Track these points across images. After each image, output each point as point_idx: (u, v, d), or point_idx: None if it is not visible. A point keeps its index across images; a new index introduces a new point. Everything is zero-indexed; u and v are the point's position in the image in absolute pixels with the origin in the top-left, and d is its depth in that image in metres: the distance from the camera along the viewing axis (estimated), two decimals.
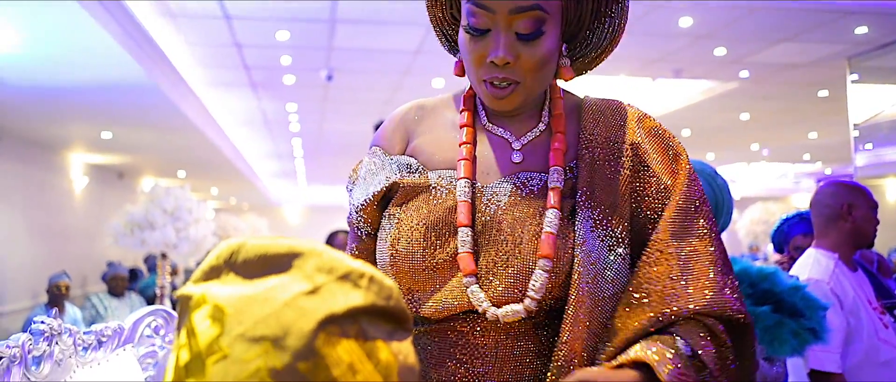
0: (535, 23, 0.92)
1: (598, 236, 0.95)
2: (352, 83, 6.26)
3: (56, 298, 5.20)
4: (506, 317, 0.92)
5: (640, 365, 0.86)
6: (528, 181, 0.98)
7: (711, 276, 0.91)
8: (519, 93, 0.96)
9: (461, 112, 1.04)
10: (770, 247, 6.45)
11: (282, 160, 12.20)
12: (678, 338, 0.88)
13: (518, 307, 0.92)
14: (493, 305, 0.93)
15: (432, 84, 6.33)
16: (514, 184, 0.98)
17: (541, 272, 0.92)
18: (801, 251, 2.89)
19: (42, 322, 1.29)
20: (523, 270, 0.93)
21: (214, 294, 0.55)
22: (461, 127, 1.02)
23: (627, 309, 0.92)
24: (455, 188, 0.98)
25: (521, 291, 0.92)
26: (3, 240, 6.38)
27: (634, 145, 0.99)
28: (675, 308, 0.89)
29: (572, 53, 1.03)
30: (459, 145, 1.01)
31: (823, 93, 6.94)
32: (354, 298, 0.54)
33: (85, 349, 1.45)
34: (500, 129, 1.03)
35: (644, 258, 0.94)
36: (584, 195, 0.96)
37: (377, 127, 6.19)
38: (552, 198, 0.94)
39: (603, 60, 1.05)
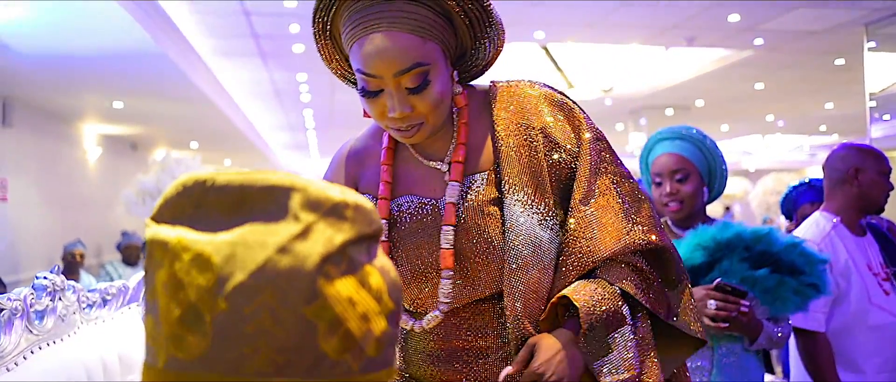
0: (420, 76, 1.01)
1: (529, 215, 1.07)
2: None
3: (71, 266, 5.29)
4: (428, 324, 1.10)
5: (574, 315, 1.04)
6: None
7: (616, 224, 1.08)
8: (424, 129, 1.06)
9: (384, 148, 1.17)
10: (783, 219, 6.41)
11: (294, 132, 12.21)
12: (599, 279, 1.07)
13: (436, 312, 1.09)
14: (418, 312, 1.13)
15: None
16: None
17: (446, 280, 1.07)
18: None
19: (44, 278, 1.30)
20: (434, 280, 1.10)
21: (194, 240, 0.52)
22: (382, 164, 1.15)
23: (559, 274, 1.08)
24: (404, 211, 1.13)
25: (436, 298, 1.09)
26: (19, 210, 6.47)
27: (543, 127, 1.11)
28: (591, 261, 1.06)
29: (461, 68, 1.14)
30: (381, 164, 1.15)
31: (840, 61, 6.81)
32: (344, 231, 0.53)
33: (89, 306, 1.47)
34: (425, 156, 1.14)
35: (566, 226, 1.09)
36: (508, 183, 1.08)
37: None
38: (447, 214, 1.08)
39: (493, 63, 1.16)
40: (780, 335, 1.72)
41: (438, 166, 1.13)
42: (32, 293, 1.24)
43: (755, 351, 1.76)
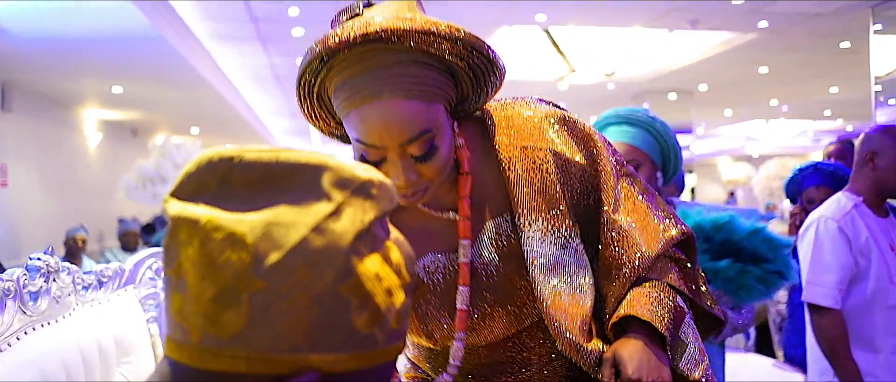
0: (427, 143, 0.93)
1: (550, 242, 1.03)
2: None
3: (73, 251, 5.29)
4: None
5: (633, 318, 1.02)
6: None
7: (651, 223, 1.07)
8: (430, 191, 0.99)
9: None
10: (787, 203, 6.38)
11: (295, 118, 12.17)
12: (649, 281, 1.06)
13: (446, 376, 1.07)
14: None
15: None
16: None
17: (459, 343, 1.05)
18: (813, 203, 2.84)
19: (38, 259, 1.28)
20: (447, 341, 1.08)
21: (225, 219, 0.52)
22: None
23: (612, 286, 1.06)
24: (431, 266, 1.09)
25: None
26: (20, 195, 6.46)
27: (551, 148, 1.05)
28: (643, 267, 1.05)
29: (457, 109, 1.06)
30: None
31: (845, 44, 6.74)
32: (371, 210, 0.54)
33: (85, 288, 1.45)
34: (433, 208, 1.08)
35: (603, 239, 1.06)
36: (522, 216, 1.03)
37: None
38: (462, 274, 1.03)
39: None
40: (741, 323, 1.70)
41: (450, 216, 1.06)
42: (25, 274, 1.22)
43: (719, 341, 1.74)
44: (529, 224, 1.02)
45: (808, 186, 2.88)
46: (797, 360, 2.93)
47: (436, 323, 1.07)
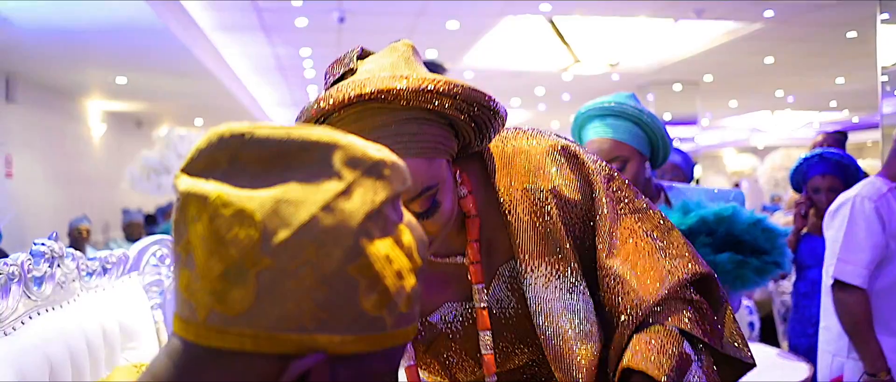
0: (429, 200, 0.91)
1: (555, 287, 0.99)
2: (364, 25, 6.16)
3: (77, 241, 5.31)
4: None
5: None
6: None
7: (655, 266, 1.00)
8: (435, 244, 0.97)
9: None
10: (791, 193, 6.35)
11: (299, 109, 12.16)
12: (653, 326, 0.98)
13: None
14: None
15: (446, 26, 6.21)
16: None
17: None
18: (818, 192, 2.82)
19: (42, 244, 1.29)
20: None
21: (235, 195, 0.51)
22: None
23: (614, 329, 1.00)
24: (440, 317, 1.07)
25: None
26: (25, 185, 6.48)
27: (553, 188, 1.01)
28: (642, 313, 0.98)
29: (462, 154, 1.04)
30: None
31: (852, 34, 6.69)
32: (382, 190, 0.54)
33: (89, 274, 1.45)
34: (441, 255, 1.05)
35: (600, 284, 1.01)
36: (523, 261, 1.00)
37: None
38: (480, 320, 1.01)
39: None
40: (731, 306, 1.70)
41: (459, 261, 1.04)
42: (30, 259, 1.22)
43: None
44: (531, 270, 1.00)
45: (813, 175, 2.86)
46: (801, 350, 2.92)
47: (459, 367, 1.06)
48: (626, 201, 1.05)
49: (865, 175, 2.79)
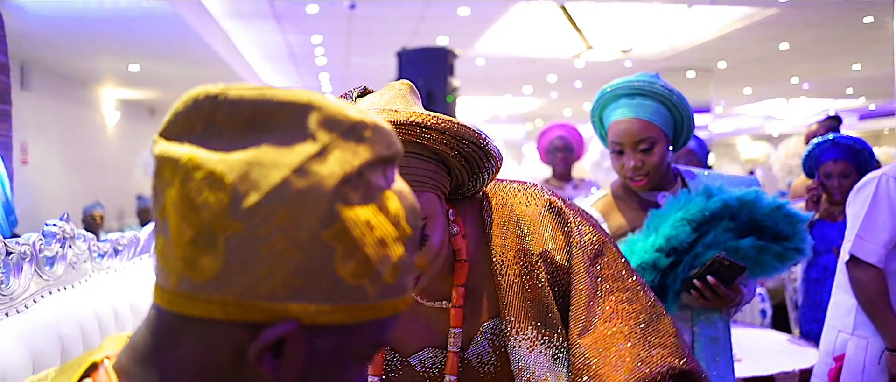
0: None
1: (540, 352, 0.98)
2: (375, 13, 6.15)
3: (90, 227, 5.36)
4: None
5: None
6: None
7: (629, 352, 0.95)
8: (423, 280, 0.96)
9: None
10: (804, 177, 6.28)
11: None
12: None
13: None
14: None
15: (458, 13, 6.19)
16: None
17: None
18: (831, 177, 2.80)
19: (54, 225, 1.30)
20: None
21: (206, 158, 0.50)
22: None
23: None
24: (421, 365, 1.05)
25: None
26: (40, 172, 6.55)
27: (544, 253, 1.00)
28: None
29: (458, 196, 1.03)
30: None
31: (869, 19, 6.59)
32: (362, 153, 0.52)
33: (101, 255, 1.47)
34: (427, 297, 1.04)
35: (570, 360, 0.98)
36: (509, 323, 0.99)
37: (400, 55, 5.91)
38: (449, 364, 1.01)
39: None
40: (747, 291, 1.68)
41: (444, 306, 1.04)
42: (42, 239, 1.24)
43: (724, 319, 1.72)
44: (517, 333, 0.99)
45: (825, 160, 2.83)
46: (812, 336, 2.91)
47: None
48: (612, 277, 1.02)
49: (878, 163, 2.76)
